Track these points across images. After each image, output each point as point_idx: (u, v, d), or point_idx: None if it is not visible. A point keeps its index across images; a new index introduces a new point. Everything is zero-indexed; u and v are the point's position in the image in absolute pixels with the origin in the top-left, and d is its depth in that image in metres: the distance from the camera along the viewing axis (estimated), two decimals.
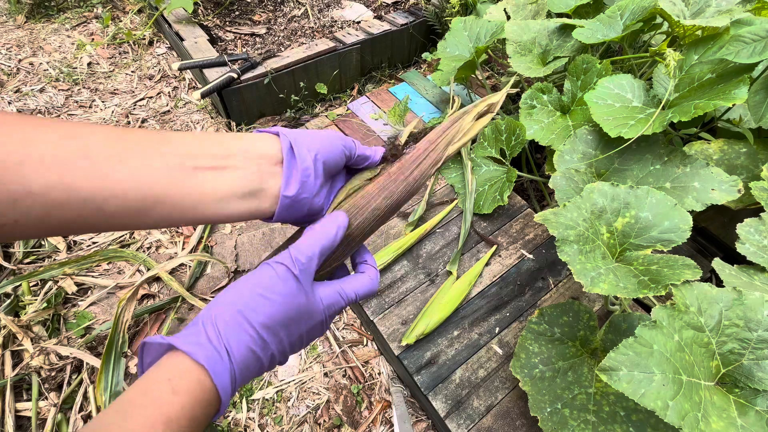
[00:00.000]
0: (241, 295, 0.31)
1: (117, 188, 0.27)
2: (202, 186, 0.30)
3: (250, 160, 0.33)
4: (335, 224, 0.36)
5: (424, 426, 1.00)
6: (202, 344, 0.28)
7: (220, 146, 0.32)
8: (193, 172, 0.30)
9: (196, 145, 0.31)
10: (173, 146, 0.30)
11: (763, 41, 0.79)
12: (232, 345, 0.29)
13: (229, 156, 0.32)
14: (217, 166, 0.31)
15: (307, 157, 0.35)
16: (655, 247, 0.74)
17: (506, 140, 1.18)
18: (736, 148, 0.92)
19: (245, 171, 0.33)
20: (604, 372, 0.55)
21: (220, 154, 0.32)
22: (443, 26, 1.85)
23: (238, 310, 0.30)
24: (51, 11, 2.13)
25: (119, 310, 1.05)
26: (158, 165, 0.29)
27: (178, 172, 0.29)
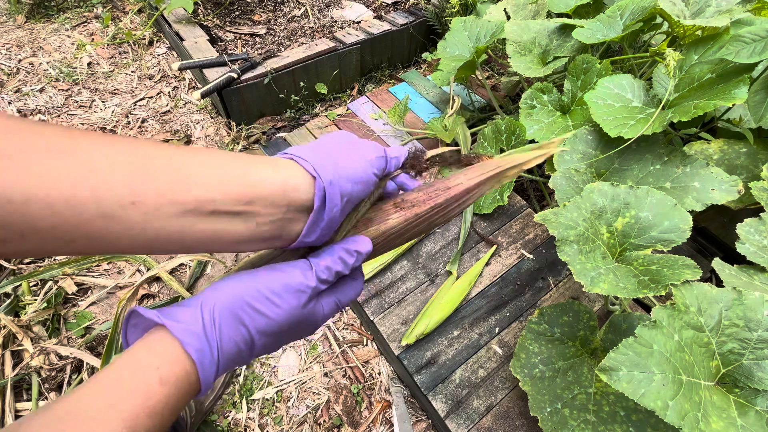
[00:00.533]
0: (248, 292, 0.30)
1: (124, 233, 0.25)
2: (215, 229, 0.28)
3: (277, 207, 0.30)
4: (363, 249, 0.34)
5: (424, 426, 1.00)
6: (196, 334, 0.28)
7: (245, 187, 0.29)
8: (208, 217, 0.27)
9: (218, 187, 0.28)
10: (193, 191, 0.27)
11: (763, 41, 0.79)
12: (223, 340, 0.28)
13: (254, 200, 0.29)
14: (239, 212, 0.29)
15: (337, 205, 0.32)
16: (655, 247, 0.74)
17: (506, 140, 1.18)
18: (736, 148, 0.92)
19: (269, 218, 0.30)
20: (604, 372, 0.55)
21: (244, 198, 0.28)
22: (443, 26, 1.85)
23: (241, 306, 0.29)
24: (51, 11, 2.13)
25: (119, 310, 1.05)
26: (171, 211, 0.26)
27: (191, 217, 0.27)
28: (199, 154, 0.29)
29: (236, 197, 0.28)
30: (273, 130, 1.66)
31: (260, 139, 1.61)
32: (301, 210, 0.31)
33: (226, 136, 1.63)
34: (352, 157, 0.33)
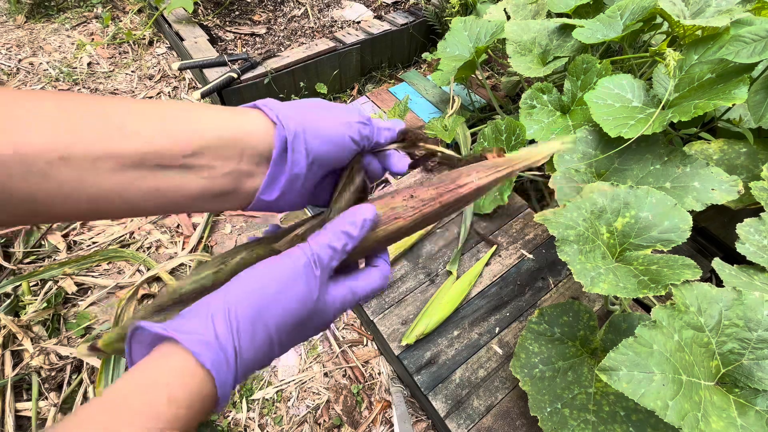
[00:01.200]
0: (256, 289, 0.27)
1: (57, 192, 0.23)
2: (161, 185, 0.26)
3: (230, 158, 0.28)
4: (362, 217, 0.31)
5: (424, 426, 1.01)
6: (209, 344, 0.25)
7: (192, 135, 0.26)
8: (152, 171, 0.25)
9: (161, 137, 0.25)
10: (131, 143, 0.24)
11: (763, 41, 0.79)
12: (243, 347, 0.26)
13: (204, 151, 0.27)
14: (187, 164, 0.26)
15: (301, 161, 0.29)
16: (655, 247, 0.74)
17: (506, 140, 1.18)
18: (736, 148, 0.92)
19: (221, 171, 0.27)
20: (604, 372, 0.55)
21: (193, 148, 0.26)
22: (443, 26, 1.85)
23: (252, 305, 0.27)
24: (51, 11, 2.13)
25: (119, 310, 1.05)
26: (107, 166, 0.24)
27: (132, 171, 0.25)
28: (139, 103, 0.26)
29: (183, 148, 0.26)
30: None
31: None
32: (259, 162, 0.29)
33: None
34: (328, 115, 0.30)
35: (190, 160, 0.26)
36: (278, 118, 0.28)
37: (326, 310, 0.30)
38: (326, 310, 0.30)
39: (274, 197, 0.30)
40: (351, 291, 0.32)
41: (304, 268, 0.28)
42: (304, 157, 0.29)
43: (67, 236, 1.32)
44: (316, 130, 0.29)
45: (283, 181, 0.29)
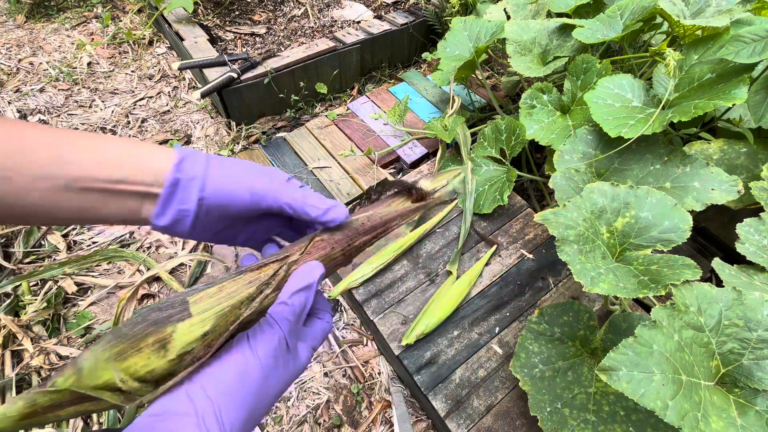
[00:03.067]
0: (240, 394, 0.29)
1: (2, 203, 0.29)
2: (85, 205, 0.31)
3: (140, 184, 0.33)
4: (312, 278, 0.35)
5: (424, 426, 1.01)
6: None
7: (117, 167, 0.32)
8: (80, 193, 0.31)
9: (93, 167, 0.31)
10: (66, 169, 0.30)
11: (763, 41, 0.79)
12: None
13: (123, 180, 0.32)
14: (107, 189, 0.32)
15: (190, 199, 0.34)
16: (655, 246, 0.74)
17: (506, 140, 1.18)
18: (736, 148, 0.92)
19: (132, 195, 0.33)
20: (604, 372, 0.55)
21: (114, 177, 0.32)
22: (443, 26, 1.85)
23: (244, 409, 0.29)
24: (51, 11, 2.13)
25: (119, 310, 1.05)
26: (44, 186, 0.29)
27: (65, 192, 0.30)
28: (81, 136, 0.32)
29: (107, 176, 0.31)
30: (273, 129, 1.66)
31: (260, 138, 1.61)
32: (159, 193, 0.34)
33: (226, 136, 1.63)
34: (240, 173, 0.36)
35: (111, 186, 0.32)
36: (182, 161, 0.34)
37: (299, 372, 0.34)
38: (299, 372, 0.34)
39: (165, 224, 0.34)
40: (311, 347, 0.36)
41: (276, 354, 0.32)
42: (195, 198, 0.34)
43: (67, 236, 1.32)
44: (214, 181, 0.34)
45: (171, 211, 0.34)
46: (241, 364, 0.30)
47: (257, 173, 0.36)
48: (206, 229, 0.36)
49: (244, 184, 0.35)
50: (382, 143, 1.53)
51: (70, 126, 1.62)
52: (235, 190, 0.35)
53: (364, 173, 1.45)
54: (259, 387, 0.30)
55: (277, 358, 0.31)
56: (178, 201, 0.34)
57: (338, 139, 1.56)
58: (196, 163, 0.34)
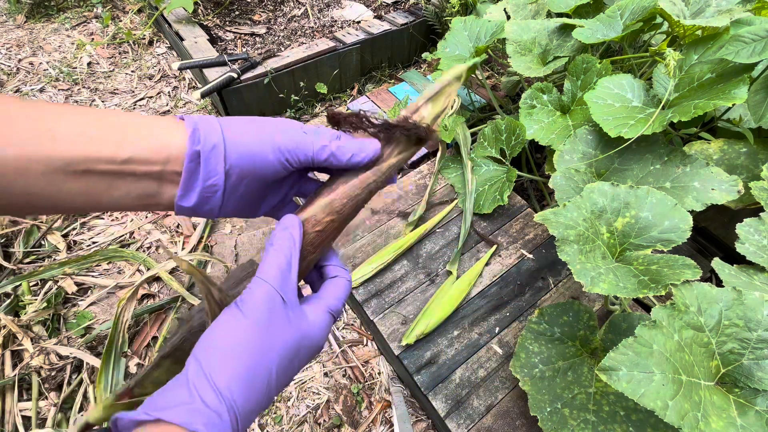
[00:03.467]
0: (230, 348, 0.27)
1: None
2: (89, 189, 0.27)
3: (153, 164, 0.29)
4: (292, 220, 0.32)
5: (424, 426, 1.01)
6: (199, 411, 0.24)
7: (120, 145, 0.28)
8: (82, 175, 0.27)
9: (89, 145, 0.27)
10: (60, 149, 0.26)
11: (763, 41, 0.79)
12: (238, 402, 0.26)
13: (130, 160, 0.28)
14: (113, 171, 0.28)
15: (216, 173, 0.30)
16: (655, 246, 0.74)
17: (506, 140, 1.18)
18: (736, 148, 0.92)
19: (144, 177, 0.29)
20: (604, 372, 0.55)
21: (119, 158, 0.28)
22: (443, 26, 1.85)
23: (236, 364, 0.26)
24: (51, 11, 2.13)
25: (119, 309, 1.05)
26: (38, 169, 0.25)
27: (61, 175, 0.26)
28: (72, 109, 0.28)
29: (110, 156, 0.27)
30: None
31: None
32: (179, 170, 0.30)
33: None
34: (257, 131, 0.31)
35: (119, 167, 0.28)
36: (195, 130, 0.29)
37: (311, 335, 0.30)
38: (311, 335, 0.30)
39: (192, 204, 0.31)
40: (326, 308, 0.32)
41: (268, 307, 0.28)
42: (222, 168, 0.30)
43: (67, 236, 1.32)
44: (236, 145, 0.30)
45: (197, 189, 0.30)
46: (228, 323, 0.28)
47: (276, 129, 0.32)
48: (234, 203, 0.33)
49: (268, 145, 0.31)
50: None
51: None
52: (261, 152, 0.31)
53: None
54: (252, 342, 0.27)
55: (271, 311, 0.28)
56: (203, 177, 0.30)
57: None
58: (212, 130, 0.30)
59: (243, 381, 0.26)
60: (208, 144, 0.29)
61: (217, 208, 0.32)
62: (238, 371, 0.26)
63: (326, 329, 0.32)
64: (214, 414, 0.24)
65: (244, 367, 0.26)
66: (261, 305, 0.28)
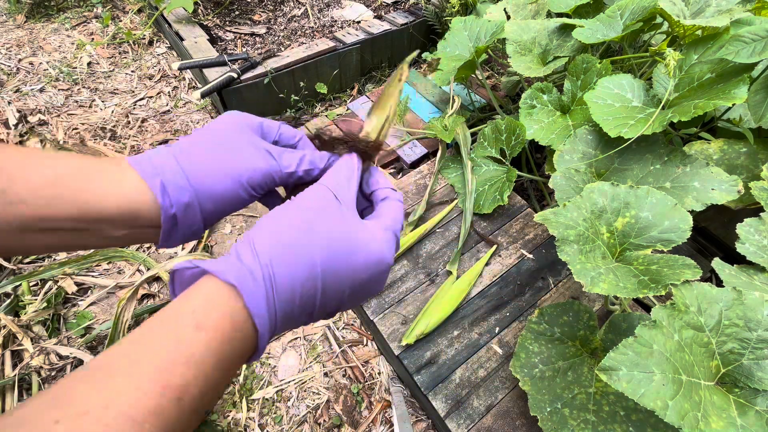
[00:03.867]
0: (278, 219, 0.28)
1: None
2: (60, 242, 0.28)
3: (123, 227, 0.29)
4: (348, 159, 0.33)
5: (424, 426, 1.01)
6: (234, 264, 0.25)
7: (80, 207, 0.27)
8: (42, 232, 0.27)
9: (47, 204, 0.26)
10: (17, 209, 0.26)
11: (763, 41, 0.79)
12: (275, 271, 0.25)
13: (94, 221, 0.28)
14: (79, 228, 0.28)
15: (195, 221, 0.31)
16: (655, 246, 0.74)
17: (506, 140, 1.18)
18: (736, 148, 0.92)
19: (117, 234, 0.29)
20: (604, 372, 0.55)
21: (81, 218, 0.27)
22: (443, 26, 1.85)
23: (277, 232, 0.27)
24: (51, 11, 2.13)
25: (119, 309, 1.05)
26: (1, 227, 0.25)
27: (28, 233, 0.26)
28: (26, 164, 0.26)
29: (70, 216, 0.27)
30: None
31: None
32: (155, 227, 0.30)
33: None
34: (227, 171, 0.31)
35: (84, 226, 0.28)
36: (165, 193, 0.29)
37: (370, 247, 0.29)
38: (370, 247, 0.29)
39: (175, 245, 0.32)
40: (384, 226, 0.31)
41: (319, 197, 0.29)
42: (199, 219, 0.31)
43: None
44: (209, 195, 0.31)
45: (179, 238, 0.31)
46: (278, 209, 0.29)
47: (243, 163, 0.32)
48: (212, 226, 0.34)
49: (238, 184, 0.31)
50: None
51: (70, 126, 1.62)
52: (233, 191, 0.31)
53: None
54: (296, 220, 0.27)
55: (322, 201, 0.29)
56: (183, 229, 0.31)
57: None
58: (179, 187, 0.29)
59: (283, 249, 0.26)
60: (180, 204, 0.29)
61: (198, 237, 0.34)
62: (278, 239, 0.26)
63: (389, 245, 0.30)
64: (247, 271, 0.25)
65: (285, 238, 0.27)
66: (313, 197, 0.29)
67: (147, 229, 0.30)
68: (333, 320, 1.18)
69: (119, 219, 0.28)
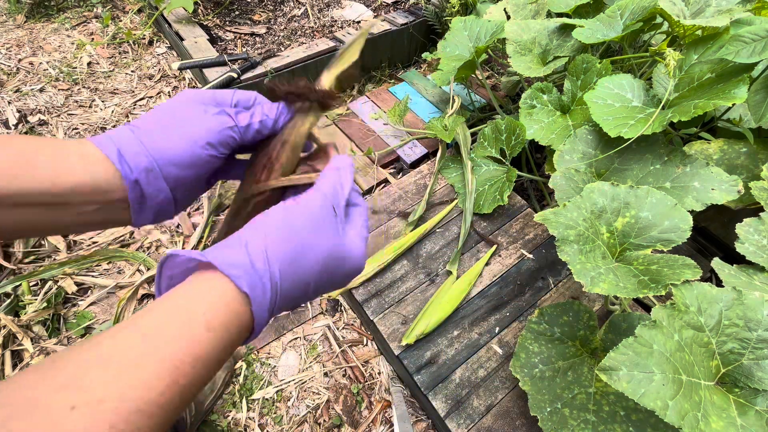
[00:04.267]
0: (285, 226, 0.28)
1: None
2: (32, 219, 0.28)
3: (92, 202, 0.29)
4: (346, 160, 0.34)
5: (424, 426, 1.01)
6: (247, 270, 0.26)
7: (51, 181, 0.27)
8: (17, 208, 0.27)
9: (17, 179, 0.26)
10: None
11: (763, 41, 0.79)
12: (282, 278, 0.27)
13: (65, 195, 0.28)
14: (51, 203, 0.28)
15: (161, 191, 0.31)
16: (655, 246, 0.74)
17: (506, 140, 1.18)
18: (736, 148, 0.92)
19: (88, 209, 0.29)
20: (604, 372, 0.55)
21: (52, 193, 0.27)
22: (443, 26, 1.85)
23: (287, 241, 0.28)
24: (51, 11, 2.13)
25: (119, 310, 1.05)
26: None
27: None
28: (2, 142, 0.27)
29: (41, 191, 0.27)
30: None
31: None
32: (124, 202, 0.30)
33: None
34: (183, 133, 0.31)
35: (54, 200, 0.28)
36: (121, 159, 0.29)
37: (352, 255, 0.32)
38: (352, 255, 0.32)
39: (150, 220, 0.32)
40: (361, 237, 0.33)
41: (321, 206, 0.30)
42: (165, 185, 0.31)
43: (67, 236, 1.32)
44: (169, 160, 0.31)
45: (150, 210, 0.31)
46: (285, 206, 0.30)
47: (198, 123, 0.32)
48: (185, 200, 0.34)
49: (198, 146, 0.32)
50: (382, 143, 1.53)
51: (70, 126, 1.62)
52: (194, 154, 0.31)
53: (364, 173, 1.45)
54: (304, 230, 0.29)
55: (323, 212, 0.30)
56: (151, 198, 0.31)
57: (338, 139, 1.56)
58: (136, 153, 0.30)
59: (290, 265, 0.28)
60: (140, 169, 0.30)
61: (172, 211, 0.33)
62: (285, 248, 0.28)
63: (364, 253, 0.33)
64: (259, 280, 0.26)
65: (292, 250, 0.28)
66: (316, 203, 0.30)
67: (118, 204, 0.30)
68: (333, 320, 1.18)
69: (88, 192, 0.29)
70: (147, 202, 0.31)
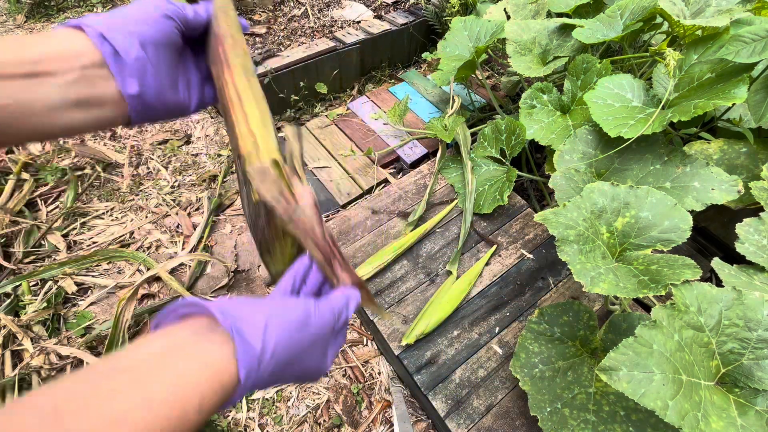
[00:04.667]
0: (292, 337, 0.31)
1: None
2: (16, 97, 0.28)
3: (70, 65, 0.29)
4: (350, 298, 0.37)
5: (424, 426, 1.01)
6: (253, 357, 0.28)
7: (24, 48, 0.28)
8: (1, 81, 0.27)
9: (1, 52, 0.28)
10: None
11: (763, 41, 0.79)
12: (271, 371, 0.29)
13: (41, 59, 0.29)
14: (29, 73, 0.28)
15: (131, 47, 0.31)
16: (655, 246, 0.74)
17: (506, 140, 1.18)
18: (736, 148, 0.92)
19: (68, 78, 0.29)
20: (604, 372, 0.55)
21: (28, 58, 0.28)
22: (443, 26, 1.85)
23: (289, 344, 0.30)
24: (51, 11, 2.13)
25: (119, 309, 1.05)
26: None
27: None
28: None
29: (18, 59, 0.28)
30: None
31: None
32: (100, 65, 0.31)
33: (226, 136, 1.63)
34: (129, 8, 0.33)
35: (32, 68, 0.28)
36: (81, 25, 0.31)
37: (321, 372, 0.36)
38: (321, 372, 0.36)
39: (136, 90, 0.32)
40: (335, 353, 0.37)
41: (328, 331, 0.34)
42: (136, 42, 0.31)
43: (67, 236, 1.32)
44: (122, 19, 0.32)
45: (131, 68, 0.31)
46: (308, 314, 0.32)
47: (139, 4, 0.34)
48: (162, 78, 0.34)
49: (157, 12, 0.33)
50: (382, 143, 1.53)
51: None
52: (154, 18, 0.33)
53: (364, 173, 1.45)
54: (306, 344, 0.31)
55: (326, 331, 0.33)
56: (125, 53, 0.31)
57: (338, 138, 1.56)
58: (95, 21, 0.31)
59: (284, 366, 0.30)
60: (102, 26, 0.31)
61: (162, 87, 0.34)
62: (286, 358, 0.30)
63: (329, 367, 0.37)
64: (256, 363, 0.28)
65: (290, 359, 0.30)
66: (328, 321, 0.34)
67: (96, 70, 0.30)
68: None
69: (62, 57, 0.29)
70: (122, 60, 0.31)
